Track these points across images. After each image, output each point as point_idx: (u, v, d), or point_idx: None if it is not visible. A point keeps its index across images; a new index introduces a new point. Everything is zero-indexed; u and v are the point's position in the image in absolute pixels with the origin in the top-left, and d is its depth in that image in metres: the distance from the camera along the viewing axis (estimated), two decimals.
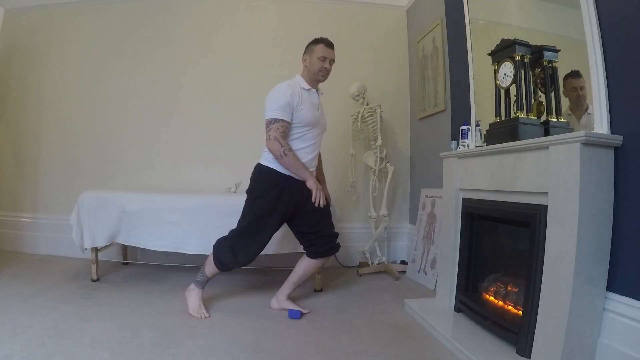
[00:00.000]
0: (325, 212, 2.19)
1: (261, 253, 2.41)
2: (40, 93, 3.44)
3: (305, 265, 2.22)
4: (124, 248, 3.15)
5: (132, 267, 3.09)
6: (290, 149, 2.01)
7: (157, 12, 3.44)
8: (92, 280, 2.62)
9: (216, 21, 3.46)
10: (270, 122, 2.00)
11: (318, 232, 2.15)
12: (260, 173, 2.08)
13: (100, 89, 3.41)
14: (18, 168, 3.47)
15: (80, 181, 3.28)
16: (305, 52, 2.16)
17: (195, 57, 3.42)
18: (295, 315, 2.10)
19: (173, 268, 3.00)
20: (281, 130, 1.99)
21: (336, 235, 2.23)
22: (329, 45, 2.14)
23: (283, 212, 2.07)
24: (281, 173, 2.05)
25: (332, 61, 2.15)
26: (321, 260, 2.20)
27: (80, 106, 3.41)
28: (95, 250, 2.62)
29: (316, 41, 2.15)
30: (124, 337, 1.77)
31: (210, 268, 2.11)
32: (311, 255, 2.19)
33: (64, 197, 3.25)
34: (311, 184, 2.05)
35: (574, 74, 1.65)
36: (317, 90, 2.20)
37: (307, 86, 2.12)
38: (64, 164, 3.41)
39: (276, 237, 2.51)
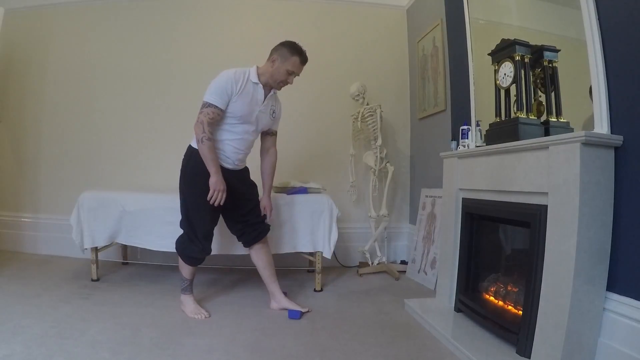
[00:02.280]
0: (256, 201, 2.23)
1: None
2: (41, 93, 3.44)
3: (257, 259, 2.24)
4: (124, 248, 3.15)
5: (132, 267, 3.09)
6: (210, 139, 1.96)
7: (158, 12, 3.44)
8: (92, 280, 2.62)
9: (216, 21, 3.46)
10: (204, 105, 1.97)
11: (246, 220, 2.18)
12: (191, 157, 2.06)
13: (100, 89, 3.42)
14: (18, 168, 3.48)
15: (80, 181, 3.28)
16: (277, 52, 2.05)
17: (196, 57, 3.42)
18: (295, 315, 2.10)
19: (173, 268, 3.00)
20: (210, 116, 1.95)
21: (264, 218, 2.25)
22: (304, 62, 2.07)
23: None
24: None
25: (297, 75, 2.09)
26: (259, 246, 2.21)
27: (81, 106, 3.41)
28: (95, 250, 2.62)
29: (293, 50, 2.03)
30: (124, 337, 1.77)
31: (185, 269, 2.13)
32: (246, 244, 2.22)
33: (64, 197, 3.25)
34: (212, 182, 1.97)
35: None
36: (271, 91, 2.12)
37: (255, 79, 2.03)
38: (64, 164, 3.41)
39: (275, 237, 2.51)
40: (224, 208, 2.11)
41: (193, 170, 2.05)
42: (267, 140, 2.27)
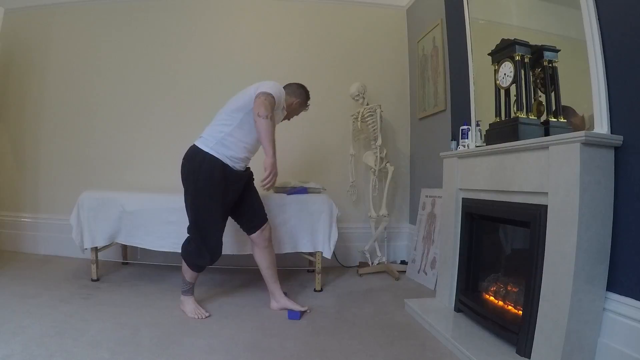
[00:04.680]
0: (256, 194, 2.26)
1: None
2: (40, 93, 3.44)
3: (260, 259, 2.23)
4: (124, 248, 3.15)
5: (132, 267, 3.09)
6: (272, 118, 1.95)
7: (157, 12, 3.44)
8: (92, 280, 2.62)
9: (216, 22, 3.46)
10: (266, 94, 1.92)
11: (249, 212, 2.21)
12: (204, 162, 1.99)
13: (100, 89, 3.41)
14: (18, 168, 3.47)
15: (80, 181, 3.28)
16: (298, 95, 2.27)
17: (195, 58, 3.42)
18: (295, 315, 2.10)
19: (173, 268, 3.00)
20: (271, 103, 1.93)
21: (265, 212, 2.28)
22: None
23: (230, 200, 2.09)
24: (223, 162, 2.01)
25: None
26: (263, 245, 2.20)
27: (81, 106, 3.41)
28: (95, 250, 2.62)
29: (307, 96, 2.33)
30: (124, 337, 1.77)
31: (188, 274, 2.12)
32: (248, 231, 2.21)
33: (64, 197, 3.25)
34: (268, 163, 1.91)
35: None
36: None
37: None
38: (64, 164, 3.41)
39: (275, 237, 2.51)
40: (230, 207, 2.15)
41: (208, 177, 1.98)
42: None
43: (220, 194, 2.02)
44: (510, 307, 1.83)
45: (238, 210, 2.20)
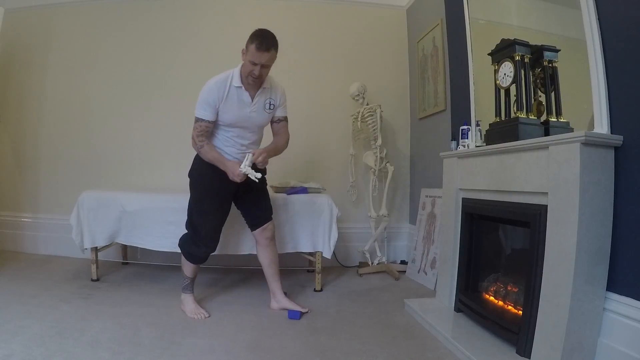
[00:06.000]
0: (261, 190, 2.23)
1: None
2: (40, 93, 3.44)
3: (262, 257, 2.25)
4: (124, 248, 3.15)
5: (132, 267, 3.09)
6: (202, 145, 2.00)
7: (158, 12, 3.43)
8: (92, 280, 2.62)
9: (216, 22, 3.46)
10: (195, 120, 2.00)
11: (250, 209, 2.23)
12: (195, 160, 2.15)
13: (100, 89, 3.41)
14: (18, 168, 3.47)
15: (80, 181, 3.28)
16: (246, 45, 1.91)
17: (195, 58, 3.42)
18: (295, 315, 2.10)
19: (173, 268, 3.00)
20: (199, 130, 1.99)
21: (270, 212, 2.27)
22: (261, 48, 1.82)
23: (224, 193, 2.11)
24: None
25: (265, 66, 1.88)
26: (265, 243, 2.21)
27: (81, 106, 3.41)
28: (95, 250, 2.62)
29: (252, 38, 1.85)
30: (124, 337, 1.77)
31: (187, 267, 2.15)
32: (251, 227, 2.24)
33: (64, 197, 3.25)
34: (230, 175, 1.97)
35: None
36: (260, 88, 2.01)
37: (238, 83, 1.96)
38: (64, 164, 3.41)
39: (276, 237, 2.51)
40: (231, 201, 2.19)
41: (196, 172, 2.12)
42: (273, 127, 2.23)
43: (210, 187, 2.08)
44: (510, 307, 1.83)
45: (241, 205, 2.23)
